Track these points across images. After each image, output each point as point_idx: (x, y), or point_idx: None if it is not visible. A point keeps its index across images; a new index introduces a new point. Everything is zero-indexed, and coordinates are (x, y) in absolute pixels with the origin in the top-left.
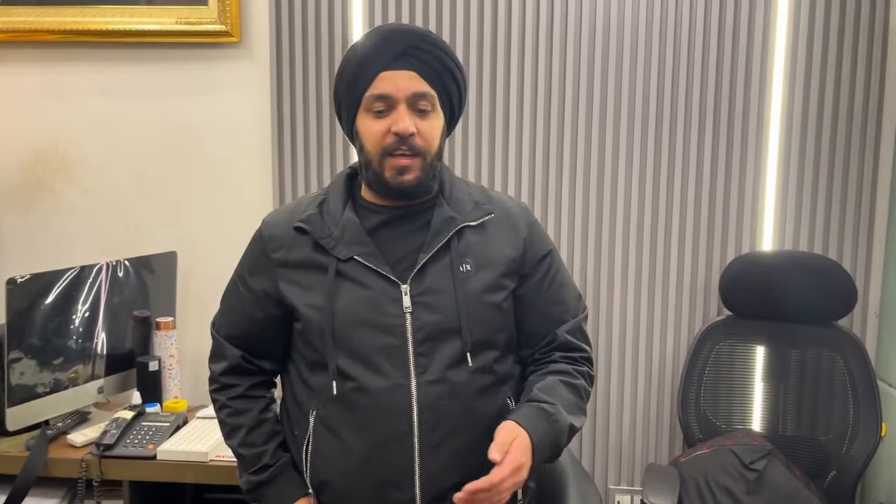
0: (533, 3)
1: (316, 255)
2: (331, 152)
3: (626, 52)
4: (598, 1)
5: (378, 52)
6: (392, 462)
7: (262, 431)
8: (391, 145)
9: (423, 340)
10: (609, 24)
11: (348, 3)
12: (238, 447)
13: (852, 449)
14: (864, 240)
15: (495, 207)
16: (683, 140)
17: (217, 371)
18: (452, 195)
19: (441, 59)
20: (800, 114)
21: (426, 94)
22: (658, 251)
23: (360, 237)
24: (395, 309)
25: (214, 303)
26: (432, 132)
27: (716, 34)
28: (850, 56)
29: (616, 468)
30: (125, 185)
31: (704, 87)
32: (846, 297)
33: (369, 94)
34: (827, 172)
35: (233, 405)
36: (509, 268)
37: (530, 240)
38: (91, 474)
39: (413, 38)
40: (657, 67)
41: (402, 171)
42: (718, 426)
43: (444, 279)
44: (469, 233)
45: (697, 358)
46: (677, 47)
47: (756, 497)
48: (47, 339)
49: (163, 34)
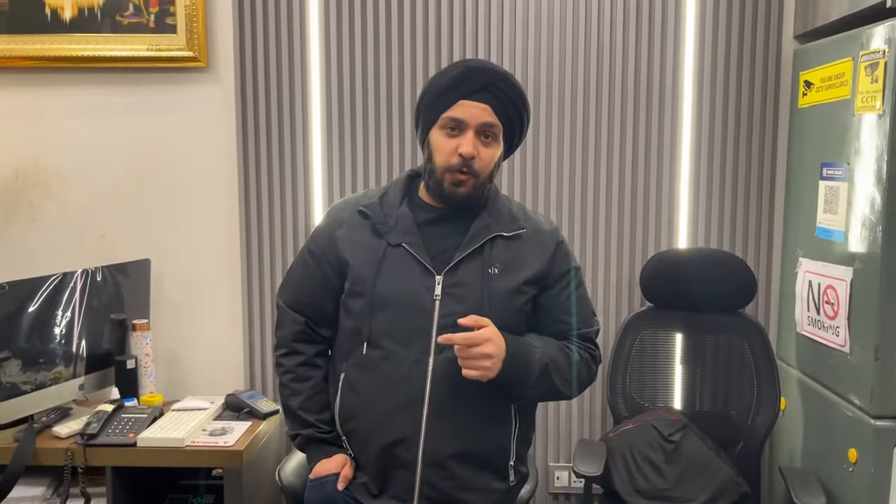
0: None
1: (372, 236)
2: (292, 167)
3: (554, 75)
4: (520, 23)
5: (462, 82)
6: (403, 424)
7: (319, 400)
8: (455, 165)
9: (447, 325)
10: (539, 40)
11: (306, 32)
12: (297, 409)
13: (756, 421)
14: (766, 238)
15: (529, 224)
16: (607, 151)
17: (286, 337)
18: (494, 208)
19: (513, 100)
20: (707, 130)
21: (493, 125)
22: (587, 250)
23: (411, 228)
24: (427, 294)
25: (186, 305)
26: (490, 159)
27: (633, 56)
28: (748, 82)
29: (554, 446)
30: (100, 198)
31: (625, 105)
32: (748, 288)
33: (446, 115)
34: (732, 180)
35: (297, 371)
36: (533, 278)
37: (555, 256)
38: (76, 462)
39: (494, 77)
40: (582, 86)
41: (459, 184)
42: (642, 405)
43: (473, 276)
44: (502, 242)
45: (623, 345)
46: (600, 67)
47: (674, 466)
48: (32, 340)
49: (135, 60)
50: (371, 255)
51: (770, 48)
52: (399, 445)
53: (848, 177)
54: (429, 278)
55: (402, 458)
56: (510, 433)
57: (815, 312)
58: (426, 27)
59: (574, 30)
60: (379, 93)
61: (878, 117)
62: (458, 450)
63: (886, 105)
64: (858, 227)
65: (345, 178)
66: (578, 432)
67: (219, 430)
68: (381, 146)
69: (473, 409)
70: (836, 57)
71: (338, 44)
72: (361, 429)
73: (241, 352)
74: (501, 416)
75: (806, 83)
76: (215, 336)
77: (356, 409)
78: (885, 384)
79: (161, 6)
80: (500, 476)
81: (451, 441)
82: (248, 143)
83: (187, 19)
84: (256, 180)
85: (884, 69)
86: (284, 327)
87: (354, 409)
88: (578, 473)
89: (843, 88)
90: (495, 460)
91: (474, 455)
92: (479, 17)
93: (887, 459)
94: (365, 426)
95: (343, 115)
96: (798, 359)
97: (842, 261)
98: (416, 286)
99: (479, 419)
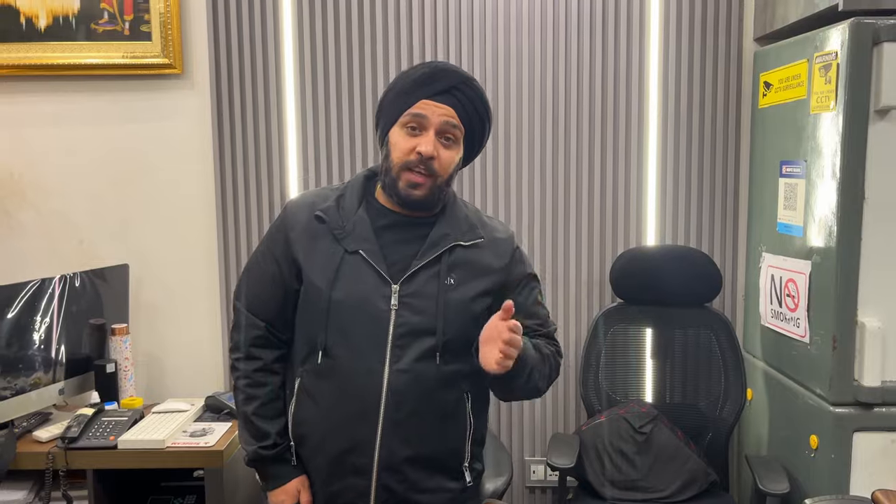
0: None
1: (328, 242)
2: (268, 171)
3: (523, 76)
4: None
5: (427, 82)
6: (357, 432)
7: (274, 406)
8: (412, 162)
9: (402, 335)
10: (508, 42)
11: (280, 38)
12: (251, 415)
13: (724, 411)
14: (731, 235)
15: (486, 233)
16: (576, 152)
17: (243, 341)
18: (452, 215)
19: (476, 105)
20: (673, 130)
21: (455, 127)
22: (558, 249)
23: (368, 234)
24: (383, 304)
25: (164, 309)
26: (449, 161)
27: (600, 59)
28: (711, 84)
29: (530, 441)
30: (78, 205)
31: (592, 107)
32: (714, 283)
33: (409, 112)
34: (698, 178)
35: (254, 377)
36: (490, 286)
37: (511, 263)
38: (57, 465)
39: (459, 80)
40: (551, 87)
41: (414, 185)
42: (615, 398)
43: (430, 286)
44: (459, 250)
45: (594, 340)
46: (568, 69)
47: (645, 456)
48: (11, 345)
49: (110, 67)
50: (327, 262)
51: (731, 50)
52: (353, 452)
53: (805, 174)
54: (385, 287)
55: (357, 465)
56: (465, 435)
57: (778, 305)
58: (398, 32)
59: (542, 32)
60: (353, 97)
61: (832, 116)
62: (413, 454)
63: (839, 104)
64: (815, 222)
65: (320, 181)
66: (553, 426)
67: (199, 431)
68: (355, 149)
69: (428, 415)
70: (793, 59)
71: (311, 49)
72: (314, 435)
73: (220, 354)
74: (457, 418)
75: (766, 84)
76: (194, 339)
77: (310, 415)
78: (842, 373)
79: (136, 14)
80: (454, 475)
81: (406, 446)
82: (224, 147)
83: (162, 26)
84: (233, 184)
85: (836, 70)
86: (241, 331)
87: (309, 415)
88: (553, 466)
89: (799, 89)
90: (450, 462)
91: (429, 457)
92: (449, 24)
93: (847, 445)
94: (318, 433)
95: (318, 119)
96: (763, 350)
97: (801, 255)
98: (372, 295)
99: (435, 424)
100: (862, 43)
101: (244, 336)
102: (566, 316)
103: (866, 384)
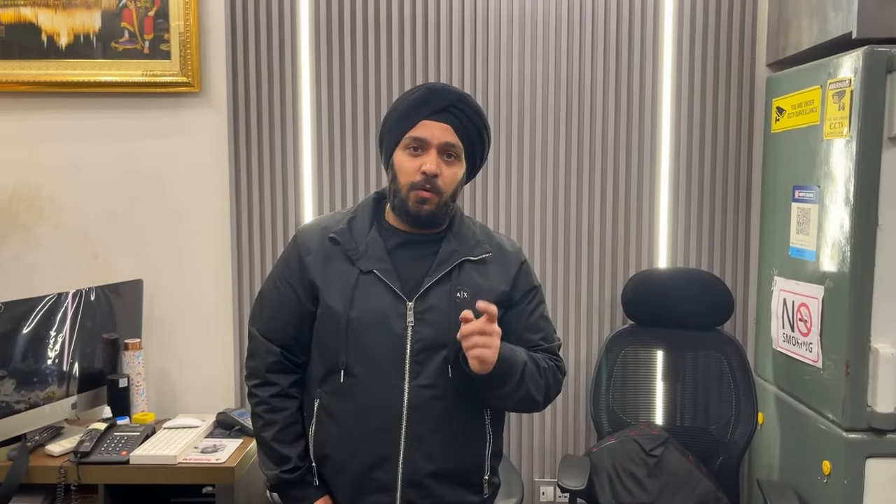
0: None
1: (343, 263)
2: (283, 189)
3: (537, 98)
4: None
5: (424, 103)
6: (381, 449)
7: (293, 430)
8: (419, 182)
9: (420, 351)
10: (523, 64)
11: (298, 58)
12: (271, 441)
13: (735, 435)
14: (742, 259)
15: (493, 247)
16: (589, 173)
17: (259, 368)
18: (460, 231)
19: (473, 120)
20: (685, 154)
21: (455, 145)
22: (570, 270)
23: (381, 254)
24: (400, 321)
25: (177, 324)
26: (453, 178)
27: (613, 84)
28: (724, 108)
29: (540, 462)
30: (94, 220)
31: (605, 131)
32: (725, 306)
33: (409, 135)
34: (710, 202)
35: (272, 402)
36: (499, 298)
37: (519, 276)
38: (69, 480)
39: (454, 98)
40: (564, 109)
41: (423, 201)
42: (625, 420)
43: (442, 301)
44: (469, 266)
45: (606, 362)
46: (582, 91)
47: (656, 479)
48: (26, 359)
49: (130, 85)
50: (344, 283)
51: (744, 76)
52: (377, 469)
53: (818, 199)
54: (400, 305)
55: (380, 481)
56: (485, 448)
57: (790, 329)
58: (414, 53)
59: (556, 55)
60: (368, 116)
61: (846, 142)
62: (436, 469)
63: (852, 131)
64: (829, 247)
65: (335, 199)
66: (563, 448)
67: (210, 447)
68: (370, 169)
69: (449, 429)
70: (806, 85)
71: (328, 69)
72: (337, 455)
73: (232, 370)
74: (477, 431)
75: (778, 109)
76: (206, 355)
77: (332, 435)
78: (855, 398)
79: (156, 33)
80: (475, 490)
81: (429, 461)
82: (240, 165)
83: (181, 46)
84: (248, 202)
85: (850, 97)
86: (258, 357)
87: (330, 435)
88: (563, 488)
89: (812, 115)
90: (472, 476)
91: (452, 472)
92: (465, 45)
93: (859, 471)
94: (341, 452)
95: (333, 138)
96: (774, 374)
97: (814, 279)
98: (388, 313)
99: (456, 438)
100: (875, 71)
101: (260, 362)
102: (577, 337)
103: (879, 410)
